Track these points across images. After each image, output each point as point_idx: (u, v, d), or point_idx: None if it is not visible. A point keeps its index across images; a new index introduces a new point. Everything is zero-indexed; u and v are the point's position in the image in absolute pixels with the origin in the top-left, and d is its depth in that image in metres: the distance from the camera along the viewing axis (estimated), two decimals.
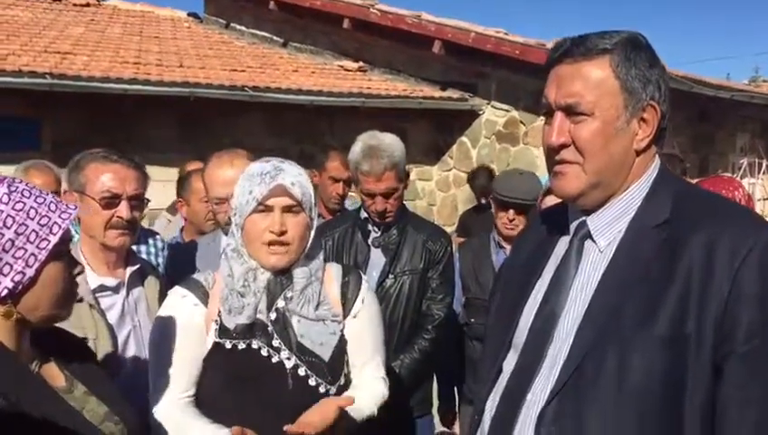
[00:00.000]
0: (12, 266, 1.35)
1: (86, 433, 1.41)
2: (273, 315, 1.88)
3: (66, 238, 1.44)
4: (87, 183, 2.18)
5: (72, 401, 1.47)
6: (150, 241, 2.93)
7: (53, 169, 3.57)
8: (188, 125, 7.14)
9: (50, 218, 1.39)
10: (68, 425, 1.38)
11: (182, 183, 3.56)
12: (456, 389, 3.52)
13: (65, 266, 1.45)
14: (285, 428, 1.73)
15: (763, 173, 9.38)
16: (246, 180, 1.90)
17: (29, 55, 7.02)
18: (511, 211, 3.20)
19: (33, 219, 1.37)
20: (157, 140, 7.05)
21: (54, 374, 1.50)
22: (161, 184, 6.41)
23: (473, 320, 3.29)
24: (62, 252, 1.43)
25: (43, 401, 1.38)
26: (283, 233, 1.86)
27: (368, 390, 1.99)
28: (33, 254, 1.37)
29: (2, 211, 1.35)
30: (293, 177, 1.90)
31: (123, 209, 2.17)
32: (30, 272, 1.37)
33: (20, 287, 1.37)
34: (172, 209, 4.41)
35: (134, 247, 2.49)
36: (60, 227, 1.40)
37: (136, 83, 6.74)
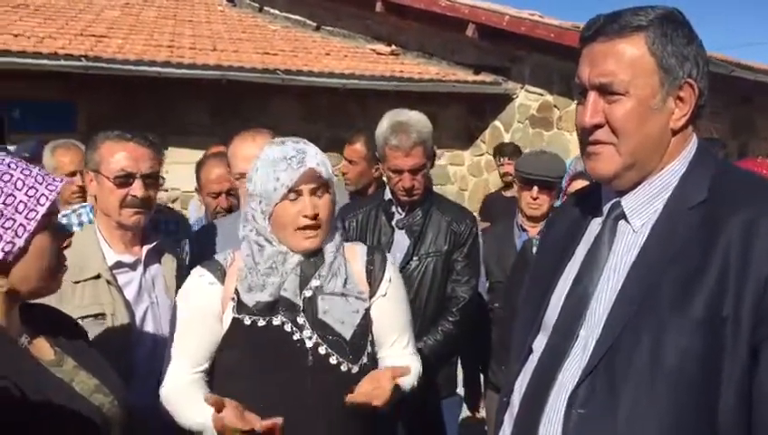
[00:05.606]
0: (1, 237, 1.36)
1: (75, 404, 1.42)
2: (307, 293, 1.88)
3: (53, 211, 1.45)
4: (102, 162, 2.20)
5: (61, 374, 1.48)
6: None
7: (82, 148, 3.61)
8: (221, 109, 7.19)
9: (37, 190, 1.40)
10: (56, 397, 1.39)
11: (197, 171, 3.59)
12: (481, 373, 3.51)
13: (53, 238, 1.46)
14: (347, 399, 1.77)
15: None
16: (270, 166, 1.86)
17: (65, 38, 7.12)
18: (535, 189, 3.20)
19: (20, 190, 1.38)
20: (190, 122, 7.11)
21: (43, 348, 1.51)
22: (194, 167, 6.49)
23: (496, 305, 3.27)
24: (49, 224, 1.44)
25: (31, 373, 1.39)
26: (315, 216, 1.86)
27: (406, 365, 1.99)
28: (21, 224, 1.38)
29: None
30: (318, 157, 1.89)
31: (137, 188, 2.19)
32: (19, 242, 1.38)
33: (10, 257, 1.38)
34: None
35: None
36: (47, 198, 1.41)
37: (169, 66, 6.81)
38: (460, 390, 3.34)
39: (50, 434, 1.35)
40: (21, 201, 1.38)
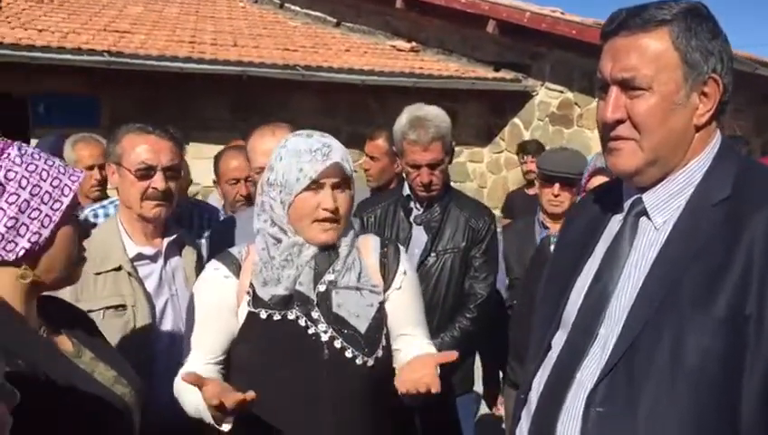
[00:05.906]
0: (28, 227, 1.37)
1: (99, 392, 1.43)
2: (321, 288, 1.88)
3: (76, 202, 1.46)
4: (123, 154, 2.22)
5: (81, 365, 1.49)
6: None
7: (101, 142, 3.64)
8: (241, 104, 7.23)
9: (61, 181, 1.41)
10: (82, 384, 1.39)
11: (215, 163, 3.62)
12: (500, 370, 3.50)
13: (75, 230, 1.47)
14: (399, 389, 1.74)
15: None
16: (294, 156, 1.86)
17: (89, 33, 7.19)
18: (556, 186, 3.19)
19: (45, 181, 1.39)
20: (210, 118, 7.16)
21: (62, 340, 1.52)
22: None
23: (515, 302, 3.25)
24: (72, 215, 1.45)
25: (56, 364, 1.39)
26: (335, 210, 1.86)
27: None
28: (47, 215, 1.39)
29: (16, 172, 1.36)
30: (342, 152, 1.90)
31: (158, 181, 2.20)
32: (45, 233, 1.39)
33: (36, 248, 1.38)
34: None
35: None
36: (71, 189, 1.42)
37: (191, 62, 6.85)
38: (478, 387, 3.33)
39: (77, 420, 1.36)
40: (46, 192, 1.39)
